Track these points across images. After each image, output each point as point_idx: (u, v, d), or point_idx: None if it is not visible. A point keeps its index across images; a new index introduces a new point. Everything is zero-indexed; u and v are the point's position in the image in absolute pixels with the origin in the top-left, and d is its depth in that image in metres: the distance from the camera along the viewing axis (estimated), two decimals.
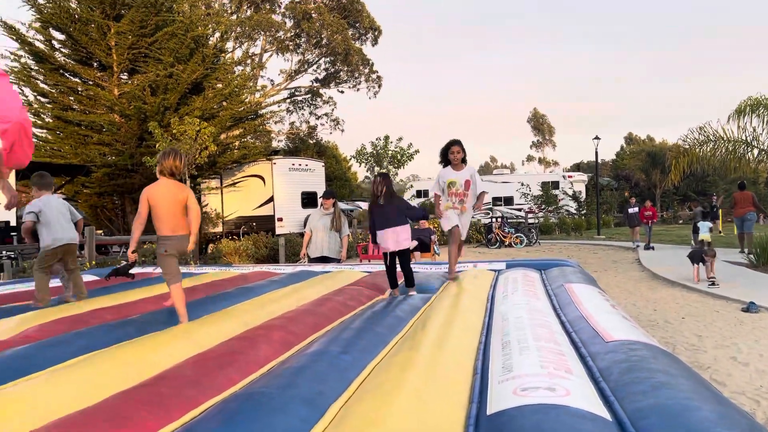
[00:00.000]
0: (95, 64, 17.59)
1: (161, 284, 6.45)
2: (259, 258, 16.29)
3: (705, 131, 14.11)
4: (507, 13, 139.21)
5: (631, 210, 20.37)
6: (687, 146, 14.69)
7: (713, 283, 9.72)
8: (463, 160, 5.84)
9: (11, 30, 16.28)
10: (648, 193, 51.53)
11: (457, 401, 2.29)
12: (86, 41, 16.51)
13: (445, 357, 2.91)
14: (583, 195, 35.79)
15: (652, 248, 18.06)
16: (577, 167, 59.16)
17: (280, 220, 20.10)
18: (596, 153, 29.93)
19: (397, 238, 5.42)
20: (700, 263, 10.30)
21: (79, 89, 17.40)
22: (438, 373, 2.64)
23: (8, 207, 3.81)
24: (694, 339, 6.50)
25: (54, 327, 3.88)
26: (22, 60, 16.88)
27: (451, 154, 5.79)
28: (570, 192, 34.08)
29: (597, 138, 28.80)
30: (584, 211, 33.91)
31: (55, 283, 5.65)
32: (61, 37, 17.09)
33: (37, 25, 16.69)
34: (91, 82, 17.40)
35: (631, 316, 4.32)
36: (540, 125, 74.21)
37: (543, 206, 32.15)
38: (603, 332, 3.15)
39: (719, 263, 11.48)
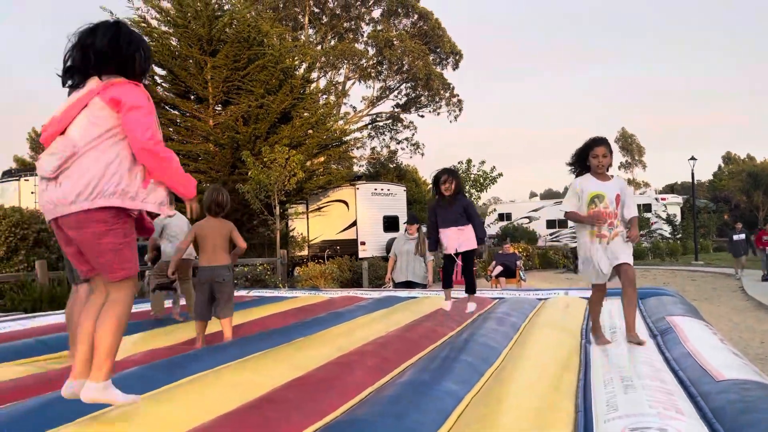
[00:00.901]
0: (192, 97, 18.69)
1: (258, 307, 6.71)
2: (343, 281, 16.57)
3: None
4: (591, 30, 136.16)
5: (736, 237, 17.95)
6: None
7: None
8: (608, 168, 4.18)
9: None
10: (750, 216, 48.40)
11: None
12: (185, 76, 17.60)
13: (544, 392, 2.86)
14: (678, 218, 34.04)
15: None
16: (671, 189, 56.43)
17: (363, 243, 20.40)
18: (692, 174, 28.54)
19: (459, 238, 5.07)
20: None
21: (178, 121, 18.53)
22: (537, 407, 2.60)
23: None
24: None
25: (163, 349, 4.13)
26: None
27: (594, 158, 4.07)
28: (663, 215, 32.53)
29: (693, 158, 27.48)
30: (679, 235, 32.25)
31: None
32: (163, 72, 18.31)
33: None
34: (188, 114, 18.49)
35: (739, 351, 4.07)
36: (629, 145, 71.54)
37: None
38: (713, 370, 2.99)
39: None
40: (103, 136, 2.41)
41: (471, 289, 5.38)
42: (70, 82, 2.56)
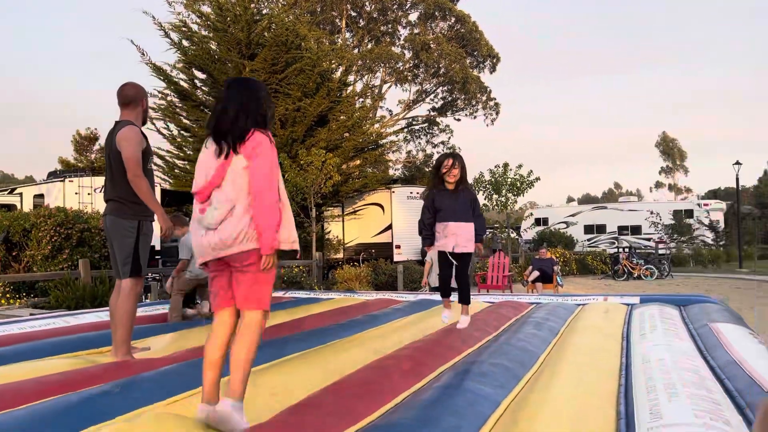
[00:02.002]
0: None
1: (294, 308, 6.76)
2: (378, 284, 16.58)
3: None
4: (633, 31, 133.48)
5: None
6: None
7: None
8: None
9: (159, 71, 17.99)
10: None
11: None
12: (224, 79, 17.86)
13: (583, 398, 2.79)
14: (722, 224, 33.05)
15: None
16: (714, 194, 54.84)
17: (398, 247, 20.38)
18: (737, 179, 27.68)
19: (462, 235, 4.43)
20: None
21: None
22: (576, 414, 2.55)
23: (165, 235, 4.18)
24: None
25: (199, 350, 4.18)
26: (168, 98, 18.59)
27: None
28: (706, 221, 31.63)
29: (738, 163, 26.66)
30: (723, 242, 31.31)
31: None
32: (202, 76, 18.64)
33: (181, 65, 18.34)
34: None
35: None
36: (670, 149, 69.85)
37: (675, 236, 30.08)
38: (761, 380, 2.89)
39: None
40: (245, 185, 2.72)
41: (465, 299, 4.68)
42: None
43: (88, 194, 14.81)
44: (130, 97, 4.15)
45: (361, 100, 24.96)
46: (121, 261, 4.08)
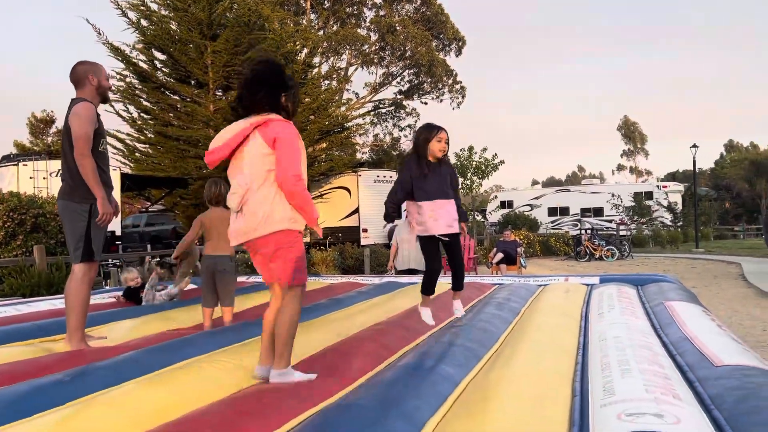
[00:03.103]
0: (193, 82, 18.57)
1: (257, 293, 6.69)
2: (345, 268, 16.57)
3: None
4: (594, 17, 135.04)
5: None
6: None
7: None
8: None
9: (117, 52, 17.47)
10: (752, 204, 48.28)
11: (556, 423, 2.22)
12: (185, 60, 17.47)
13: (541, 376, 2.83)
14: (680, 206, 33.96)
15: None
16: (672, 177, 56.27)
17: (365, 231, 20.39)
18: (694, 162, 28.39)
19: (450, 213, 3.87)
20: None
21: (178, 106, 18.41)
22: (534, 392, 2.58)
23: (101, 221, 3.93)
24: None
25: (158, 336, 4.12)
26: (127, 80, 18.08)
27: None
28: (665, 203, 32.45)
29: (695, 146, 27.32)
30: (680, 223, 32.19)
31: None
32: (163, 57, 18.17)
33: (141, 46, 17.84)
34: (189, 99, 18.37)
35: (739, 337, 4.05)
36: (631, 133, 71.24)
37: (635, 218, 30.79)
38: (711, 355, 2.97)
39: None
40: (265, 170, 2.87)
41: (459, 284, 4.17)
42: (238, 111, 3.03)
43: (44, 178, 14.38)
44: (77, 76, 4.01)
45: (326, 82, 24.70)
46: (73, 245, 3.95)
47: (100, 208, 3.88)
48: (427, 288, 4.13)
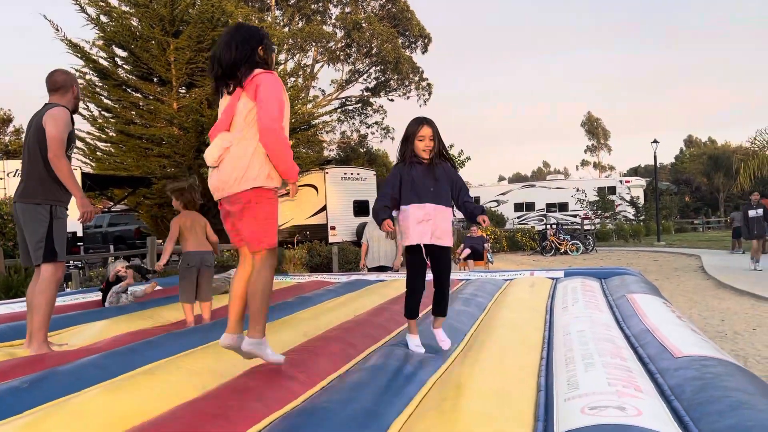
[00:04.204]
0: (155, 79, 18.22)
1: (223, 294, 6.61)
2: (313, 266, 16.49)
3: None
4: (557, 13, 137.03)
5: (752, 213, 13.64)
6: (756, 149, 14.04)
7: None
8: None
9: (76, 48, 17.02)
10: (711, 197, 49.65)
11: (522, 419, 2.24)
12: (147, 57, 17.13)
13: (506, 372, 2.86)
14: (642, 200, 34.75)
15: None
16: (634, 172, 57.54)
17: (333, 228, 20.32)
18: (655, 157, 29.06)
19: (438, 223, 3.32)
20: None
21: (141, 104, 18.05)
22: (500, 389, 2.60)
23: (82, 220, 3.98)
24: (767, 352, 6.20)
25: (123, 338, 4.03)
26: (87, 77, 17.63)
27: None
28: (627, 197, 33.16)
29: (656, 141, 27.97)
30: (643, 217, 32.95)
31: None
32: (124, 54, 17.77)
33: (101, 43, 17.42)
34: (151, 97, 18.02)
35: (698, 328, 4.16)
36: (594, 129, 72.52)
37: (599, 212, 31.39)
38: (671, 347, 3.04)
39: None
40: (246, 127, 2.83)
41: (442, 309, 3.49)
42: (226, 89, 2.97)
43: (0, 179, 13.95)
44: (59, 83, 4.08)
45: (292, 79, 24.51)
46: (33, 246, 3.92)
47: (80, 206, 3.94)
48: (409, 311, 3.46)
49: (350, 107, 37.08)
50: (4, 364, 3.33)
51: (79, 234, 15.77)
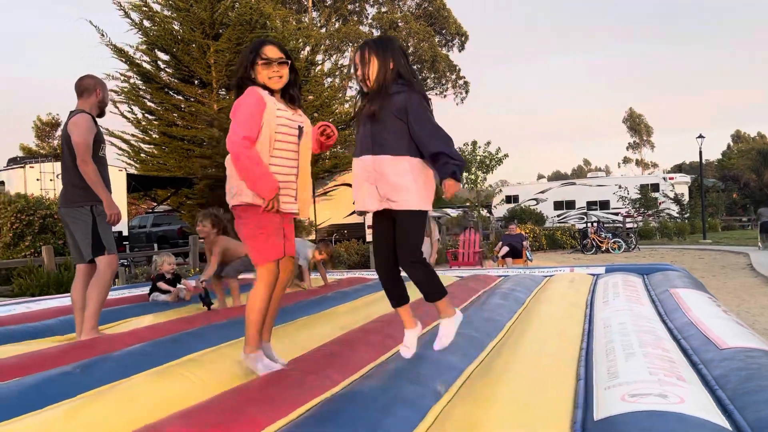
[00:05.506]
0: (196, 81, 18.63)
1: None
2: (351, 264, 16.60)
3: None
4: (598, 8, 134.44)
5: None
6: None
7: None
8: None
9: (121, 53, 17.54)
10: (760, 194, 47.99)
11: (561, 407, 2.23)
12: (188, 60, 17.53)
13: (545, 362, 2.85)
14: (686, 197, 33.82)
15: None
16: (679, 168, 56.03)
17: (370, 227, 20.42)
18: (700, 153, 28.25)
19: (381, 178, 2.61)
20: None
21: (182, 106, 18.48)
22: (538, 377, 2.59)
23: (110, 222, 4.13)
24: None
25: (167, 327, 4.16)
26: (131, 81, 18.16)
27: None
28: (671, 194, 32.32)
29: (701, 137, 27.19)
30: (687, 215, 32.07)
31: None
32: (166, 57, 18.23)
33: (144, 47, 17.91)
34: (192, 99, 18.44)
35: (745, 324, 4.04)
36: (636, 125, 70.96)
37: (642, 210, 30.70)
38: (716, 339, 2.97)
39: None
40: None
41: (428, 293, 2.78)
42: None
43: (50, 180, 14.47)
44: (84, 87, 4.25)
45: (329, 79, 24.74)
46: (83, 245, 4.14)
47: (107, 208, 4.09)
48: (393, 295, 2.82)
49: None
50: (56, 350, 3.48)
51: (125, 234, 16.23)
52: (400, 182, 2.56)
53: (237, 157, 2.65)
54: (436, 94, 35.57)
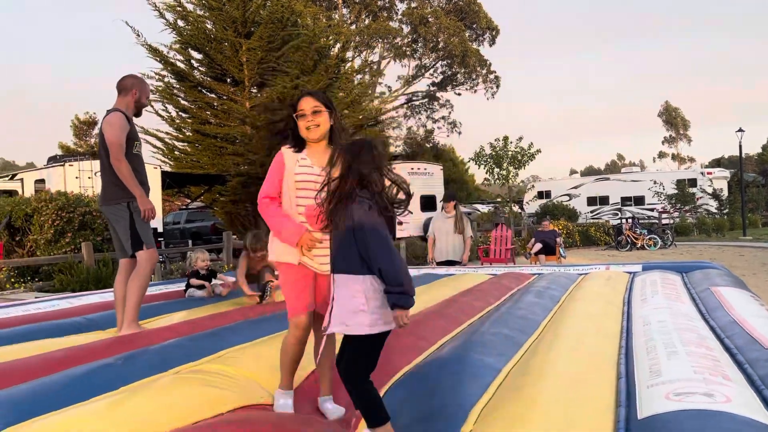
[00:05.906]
0: (229, 80, 18.81)
1: None
2: None
3: None
4: (631, 1, 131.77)
5: None
6: None
7: None
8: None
9: (156, 52, 17.81)
10: None
11: (603, 404, 2.20)
12: (221, 59, 17.71)
13: (585, 360, 2.81)
14: (725, 193, 32.95)
15: None
16: (717, 163, 54.63)
17: (401, 223, 20.37)
18: (740, 146, 27.50)
19: (335, 300, 2.34)
20: None
21: (215, 104, 18.68)
22: (579, 375, 2.56)
23: (144, 218, 4.22)
24: None
25: (204, 321, 4.23)
26: (165, 79, 18.45)
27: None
28: (710, 190, 31.52)
29: (741, 130, 26.46)
30: (726, 211, 31.24)
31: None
32: (199, 56, 18.45)
33: (178, 46, 18.17)
34: (225, 97, 18.63)
35: None
36: (673, 119, 69.36)
37: (678, 206, 30.02)
38: (761, 338, 2.89)
39: None
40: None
41: (369, 420, 2.25)
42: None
43: (89, 178, 14.82)
44: (122, 86, 4.38)
45: (359, 76, 24.76)
46: (124, 240, 4.26)
47: (141, 204, 4.20)
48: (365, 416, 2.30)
49: (416, 102, 37.09)
50: (98, 344, 3.57)
51: (160, 230, 16.54)
52: (351, 306, 2.34)
53: (261, 213, 2.86)
54: (466, 89, 35.35)
